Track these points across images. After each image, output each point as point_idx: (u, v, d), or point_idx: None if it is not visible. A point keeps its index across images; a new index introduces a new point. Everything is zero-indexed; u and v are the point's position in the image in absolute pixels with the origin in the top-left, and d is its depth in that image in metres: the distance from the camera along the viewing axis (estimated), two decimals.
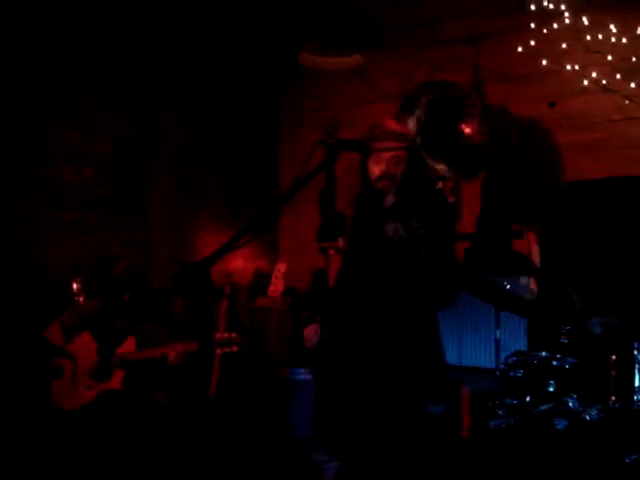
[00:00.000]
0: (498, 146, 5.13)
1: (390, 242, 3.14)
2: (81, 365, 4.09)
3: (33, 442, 3.95)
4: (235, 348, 4.03)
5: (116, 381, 4.06)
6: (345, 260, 3.38)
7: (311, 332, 3.51)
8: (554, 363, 3.67)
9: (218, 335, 4.04)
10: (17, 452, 3.89)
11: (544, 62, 4.70)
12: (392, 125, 3.31)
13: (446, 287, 3.27)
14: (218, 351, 4.03)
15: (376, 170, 3.23)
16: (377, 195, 3.26)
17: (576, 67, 4.72)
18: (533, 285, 4.40)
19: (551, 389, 3.64)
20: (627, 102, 4.77)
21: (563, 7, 4.62)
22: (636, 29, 4.60)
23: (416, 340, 3.18)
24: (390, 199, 3.24)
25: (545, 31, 4.70)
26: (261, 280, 5.88)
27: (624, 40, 4.66)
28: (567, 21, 4.64)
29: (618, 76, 4.72)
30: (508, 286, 4.01)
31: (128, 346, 4.12)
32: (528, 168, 5.26)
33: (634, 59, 4.68)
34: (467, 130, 4.51)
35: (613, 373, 3.56)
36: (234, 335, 4.04)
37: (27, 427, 4.01)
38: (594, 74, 4.68)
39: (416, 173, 3.29)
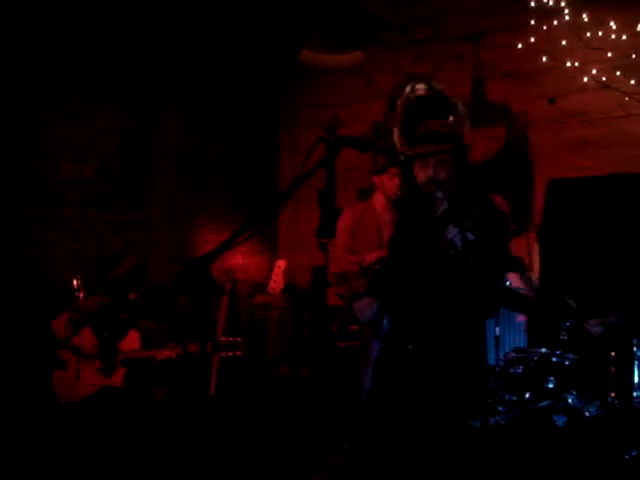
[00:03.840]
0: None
1: (445, 248, 3.00)
2: (85, 359, 4.11)
3: (31, 431, 3.98)
4: (239, 353, 3.98)
5: (118, 378, 4.07)
6: (390, 264, 3.27)
7: (365, 304, 3.21)
8: (554, 359, 3.66)
9: (222, 339, 4.00)
10: (16, 441, 3.91)
11: (544, 59, 4.70)
12: (435, 126, 3.03)
13: (491, 297, 3.12)
14: (222, 354, 3.97)
15: (422, 176, 3.05)
16: (426, 200, 3.09)
17: (576, 64, 4.72)
18: (517, 283, 4.35)
19: (551, 385, 3.63)
20: (627, 99, 4.78)
21: (563, 4, 4.62)
22: (636, 26, 4.61)
23: (462, 351, 3.06)
24: (442, 207, 3.08)
25: (545, 28, 4.70)
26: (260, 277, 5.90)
27: (624, 37, 4.66)
28: (567, 18, 4.64)
29: (618, 73, 4.72)
30: (508, 282, 4.00)
31: (132, 343, 4.13)
32: (526, 164, 5.27)
33: (634, 56, 4.69)
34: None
35: (613, 369, 3.56)
36: (239, 340, 3.99)
37: (26, 417, 4.03)
38: (594, 71, 4.69)
39: (466, 178, 3.12)
